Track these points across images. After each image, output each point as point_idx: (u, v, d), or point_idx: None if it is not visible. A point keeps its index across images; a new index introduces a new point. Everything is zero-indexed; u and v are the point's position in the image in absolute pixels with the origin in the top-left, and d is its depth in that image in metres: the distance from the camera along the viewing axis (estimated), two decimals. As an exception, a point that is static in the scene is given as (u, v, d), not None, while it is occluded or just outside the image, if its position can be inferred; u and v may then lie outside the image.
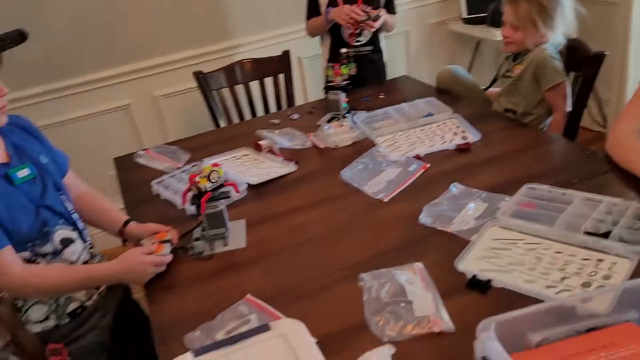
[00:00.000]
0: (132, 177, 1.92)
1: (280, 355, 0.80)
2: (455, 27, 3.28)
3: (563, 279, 1.07)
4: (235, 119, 2.60)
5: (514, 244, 1.20)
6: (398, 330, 1.03)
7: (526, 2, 1.82)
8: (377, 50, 2.46)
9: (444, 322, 1.03)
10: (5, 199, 1.29)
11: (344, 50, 2.14)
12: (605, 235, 1.14)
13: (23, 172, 1.35)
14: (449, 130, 1.81)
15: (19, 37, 1.32)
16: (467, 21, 3.18)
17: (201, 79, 2.50)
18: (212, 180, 1.42)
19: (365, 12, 2.21)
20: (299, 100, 2.73)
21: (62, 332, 1.41)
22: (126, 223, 1.54)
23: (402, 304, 1.09)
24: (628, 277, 1.03)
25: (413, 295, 1.11)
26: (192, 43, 2.89)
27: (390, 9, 2.41)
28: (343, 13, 2.22)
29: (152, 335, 1.69)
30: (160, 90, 2.92)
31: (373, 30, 2.27)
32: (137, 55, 2.82)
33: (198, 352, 0.83)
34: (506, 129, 1.82)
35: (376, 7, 2.30)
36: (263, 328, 0.86)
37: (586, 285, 1.04)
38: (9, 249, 1.28)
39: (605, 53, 1.86)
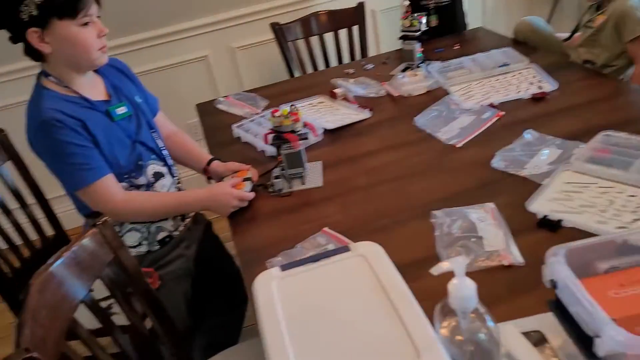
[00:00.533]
0: (214, 121, 2.03)
1: (361, 271, 0.88)
2: (534, -21, 3.19)
3: (635, 220, 1.08)
4: (310, 70, 2.67)
5: (586, 187, 1.22)
6: (468, 262, 1.09)
7: None
8: (457, 2, 2.44)
9: (513, 256, 1.08)
10: (106, 133, 1.43)
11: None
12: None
13: (121, 110, 1.48)
14: (524, 80, 1.81)
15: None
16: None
17: (277, 30, 2.57)
18: (292, 122, 1.50)
19: None
20: (372, 53, 2.75)
21: (153, 258, 1.56)
22: (210, 162, 1.66)
23: (473, 239, 1.14)
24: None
25: (484, 231, 1.16)
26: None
27: None
28: None
29: (233, 264, 1.84)
30: (237, 42, 3.01)
31: None
32: (215, 8, 2.91)
33: (284, 267, 0.92)
34: (584, 79, 1.80)
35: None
36: (343, 249, 0.94)
37: (661, 228, 1.05)
38: (111, 177, 1.42)
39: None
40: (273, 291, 0.87)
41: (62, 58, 1.37)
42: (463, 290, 0.70)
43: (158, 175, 1.54)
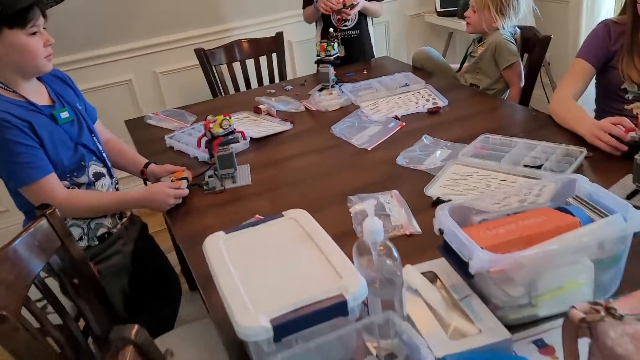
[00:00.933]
0: (145, 135, 2.18)
1: (293, 229, 1.08)
2: (430, 19, 3.60)
3: (505, 198, 1.37)
4: (232, 92, 2.88)
5: (469, 175, 1.51)
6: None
7: None
8: (364, 34, 2.75)
9: (414, 227, 1.33)
10: (51, 135, 1.56)
11: (331, 30, 2.44)
12: (539, 167, 1.45)
13: (64, 114, 1.62)
14: (422, 98, 2.12)
15: (59, -4, 1.59)
16: (441, 14, 3.51)
17: (202, 55, 2.77)
18: (224, 127, 1.70)
19: (342, 2, 2.51)
20: (289, 78, 3.01)
21: (92, 253, 1.68)
22: (147, 165, 1.81)
23: (382, 217, 1.38)
24: (552, 196, 1.33)
25: (390, 210, 1.41)
26: (194, 24, 3.15)
27: None
28: (323, 2, 2.53)
29: (167, 264, 1.98)
30: (160, 67, 3.17)
31: (349, 17, 2.56)
32: (140, 34, 3.07)
33: (228, 232, 1.11)
34: (470, 97, 2.14)
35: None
36: (278, 216, 1.14)
37: (522, 201, 1.34)
38: (54, 176, 1.55)
39: (551, 36, 2.19)
40: (221, 247, 1.05)
41: (10, 64, 1.50)
42: (373, 226, 0.92)
43: (98, 175, 1.68)
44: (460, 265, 1.00)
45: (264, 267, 0.99)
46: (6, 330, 1.07)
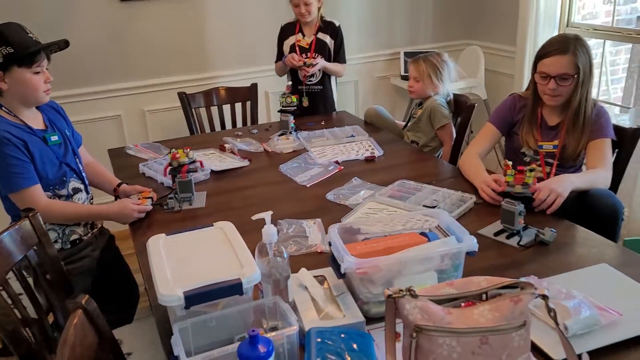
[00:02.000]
0: (123, 162, 2.52)
1: (218, 235, 1.40)
2: (395, 82, 4.01)
3: (388, 224, 1.69)
4: (208, 131, 3.23)
5: (380, 210, 1.84)
6: (297, 250, 1.64)
7: (424, 62, 2.55)
8: (327, 90, 3.13)
9: (325, 246, 1.65)
10: (41, 153, 1.89)
11: (289, 83, 2.81)
12: (434, 207, 1.79)
13: (54, 137, 1.96)
14: (362, 147, 2.47)
15: (64, 44, 1.96)
16: (404, 77, 3.92)
17: (184, 98, 3.14)
18: (189, 157, 2.04)
19: (305, 60, 2.90)
20: (262, 122, 3.37)
21: (64, 254, 1.98)
22: (119, 185, 2.14)
23: (302, 238, 1.71)
24: (429, 226, 1.66)
25: (309, 233, 1.73)
26: (181, 70, 3.54)
27: (339, 59, 3.10)
28: (288, 59, 2.92)
29: (129, 273, 2.27)
30: (148, 106, 3.54)
31: (309, 74, 2.95)
32: (133, 76, 3.45)
33: (168, 234, 1.43)
34: (402, 150, 2.50)
35: (326, 58, 2.99)
36: (209, 225, 1.46)
37: (403, 227, 1.66)
38: (39, 187, 1.87)
39: (475, 104, 2.57)
40: (159, 244, 1.37)
41: (15, 95, 1.86)
42: (269, 230, 1.25)
43: (76, 190, 2.01)
44: (338, 268, 1.32)
45: (188, 258, 1.31)
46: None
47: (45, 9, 3.15)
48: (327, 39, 3.02)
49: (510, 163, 1.81)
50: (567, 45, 1.96)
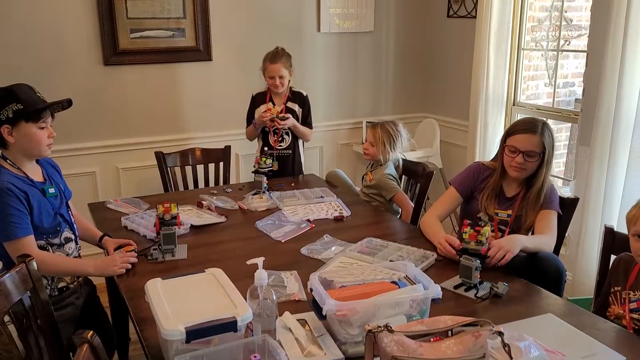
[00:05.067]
0: (104, 216, 2.63)
1: (209, 279, 1.55)
2: (357, 149, 4.29)
3: (359, 275, 1.86)
4: (181, 189, 3.38)
5: (350, 264, 2.03)
6: (277, 298, 1.79)
7: (380, 129, 2.86)
8: (296, 154, 3.35)
9: (302, 295, 1.81)
10: (39, 204, 2.02)
11: (266, 148, 3.03)
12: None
13: (51, 190, 2.09)
14: (331, 207, 2.68)
15: (67, 104, 2.12)
16: (367, 145, 4.20)
17: (160, 157, 3.30)
18: (178, 210, 2.20)
19: (277, 114, 3.11)
20: (233, 182, 3.55)
21: (52, 300, 2.06)
22: (102, 237, 2.27)
23: (281, 287, 1.86)
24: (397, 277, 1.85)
25: (287, 283, 1.89)
26: (157, 131, 3.72)
27: (306, 124, 3.34)
28: (258, 118, 3.15)
29: (107, 321, 2.35)
30: (122, 164, 3.68)
31: (281, 127, 3.14)
32: (109, 135, 3.60)
33: (164, 278, 1.57)
34: (368, 211, 2.72)
35: (295, 116, 3.22)
36: (201, 271, 1.61)
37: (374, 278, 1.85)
38: (32, 238, 1.98)
39: (433, 172, 2.84)
40: (157, 286, 1.51)
41: (20, 148, 2.00)
42: (261, 274, 1.42)
43: (68, 240, 2.13)
44: (319, 311, 1.48)
45: (185, 299, 1.45)
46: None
47: (31, 68, 3.31)
48: (296, 107, 3.27)
49: (469, 222, 2.02)
50: (536, 127, 2.25)
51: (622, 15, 2.76)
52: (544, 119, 2.33)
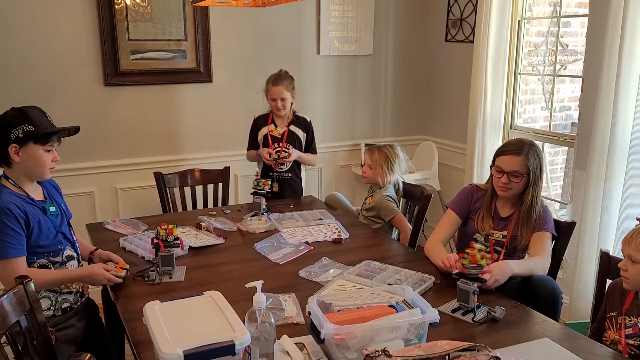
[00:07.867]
0: (103, 236, 2.64)
1: (208, 302, 1.56)
2: (356, 170, 4.31)
3: (357, 298, 1.87)
4: (180, 210, 3.39)
5: (348, 287, 2.03)
6: (275, 321, 1.80)
7: (378, 152, 2.89)
8: (296, 177, 3.36)
9: (300, 318, 1.81)
10: (40, 223, 2.04)
11: (258, 171, 3.07)
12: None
13: (52, 208, 2.11)
14: (330, 230, 2.69)
15: (74, 130, 2.15)
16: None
17: (159, 177, 3.32)
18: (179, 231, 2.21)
19: (276, 154, 3.14)
20: (231, 203, 3.56)
21: (55, 321, 2.08)
22: (94, 251, 2.29)
23: (279, 310, 1.87)
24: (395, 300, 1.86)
25: (285, 306, 1.90)
26: (156, 151, 3.74)
27: (311, 150, 3.36)
28: (263, 156, 3.18)
29: (109, 341, 2.35)
30: (121, 184, 3.69)
31: (284, 167, 3.20)
32: (108, 155, 3.62)
33: (162, 301, 1.57)
34: (367, 234, 2.73)
35: (298, 148, 3.24)
36: (199, 294, 1.62)
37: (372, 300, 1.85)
38: (23, 259, 2.00)
39: (431, 194, 2.86)
40: (156, 309, 1.52)
41: (23, 168, 2.03)
42: (259, 297, 1.42)
43: (69, 258, 2.14)
44: (317, 334, 1.49)
45: (183, 322, 1.46)
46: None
47: (33, 87, 3.34)
48: (300, 132, 3.29)
49: (476, 245, 2.02)
50: (522, 148, 2.28)
51: (616, 42, 2.81)
52: (531, 141, 2.36)
